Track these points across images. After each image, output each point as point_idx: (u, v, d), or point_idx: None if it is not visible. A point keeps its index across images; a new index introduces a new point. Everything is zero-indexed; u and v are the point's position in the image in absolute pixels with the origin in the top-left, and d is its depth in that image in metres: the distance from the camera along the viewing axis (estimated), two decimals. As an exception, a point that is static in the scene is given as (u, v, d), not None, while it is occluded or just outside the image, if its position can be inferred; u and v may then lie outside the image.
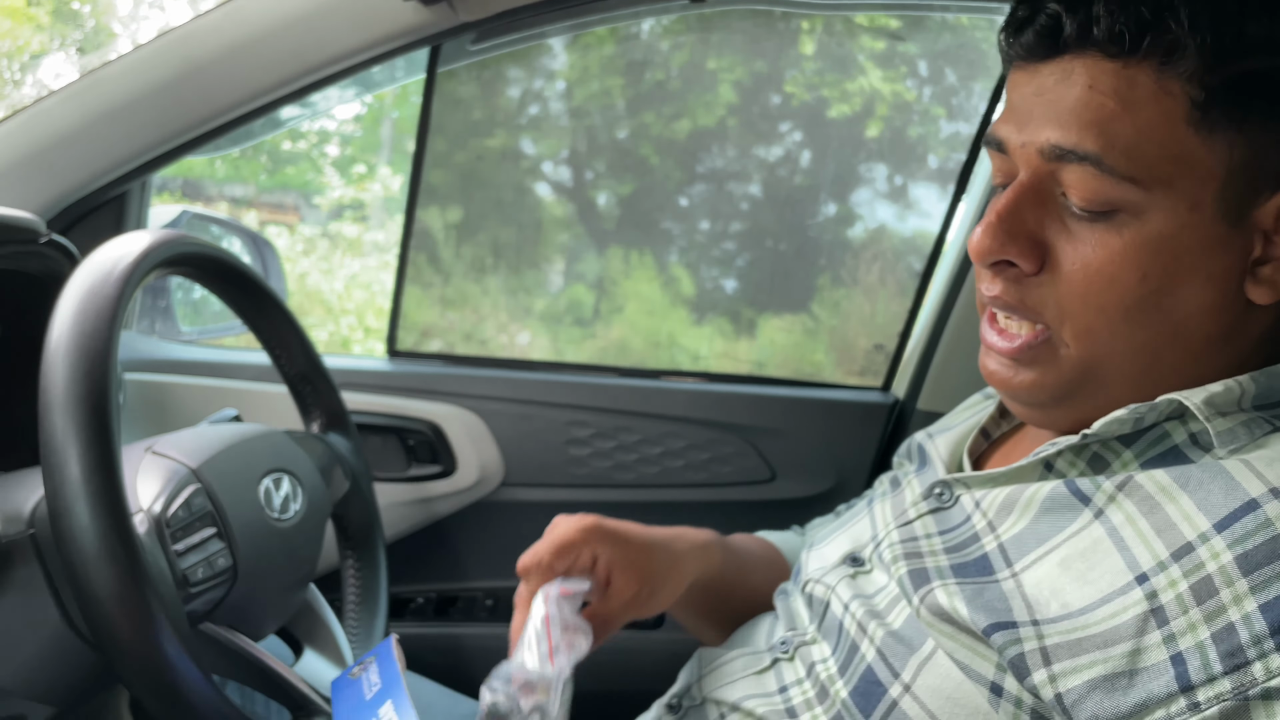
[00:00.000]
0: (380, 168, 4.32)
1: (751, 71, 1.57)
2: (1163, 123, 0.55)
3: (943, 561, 0.64)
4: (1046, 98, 0.58)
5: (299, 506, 0.84)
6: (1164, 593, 0.51)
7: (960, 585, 0.61)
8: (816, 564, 0.78)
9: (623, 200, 1.70)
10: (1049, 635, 0.54)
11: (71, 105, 1.07)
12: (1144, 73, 0.55)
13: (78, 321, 0.64)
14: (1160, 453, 0.60)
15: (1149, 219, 0.56)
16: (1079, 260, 0.58)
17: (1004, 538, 0.62)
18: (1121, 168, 0.56)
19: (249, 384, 1.31)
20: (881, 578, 0.70)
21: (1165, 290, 0.57)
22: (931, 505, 0.70)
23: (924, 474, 0.78)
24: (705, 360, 1.74)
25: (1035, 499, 0.61)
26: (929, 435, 0.83)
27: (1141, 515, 0.55)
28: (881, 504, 0.79)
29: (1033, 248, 0.60)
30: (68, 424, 0.61)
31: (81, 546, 0.59)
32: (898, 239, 1.68)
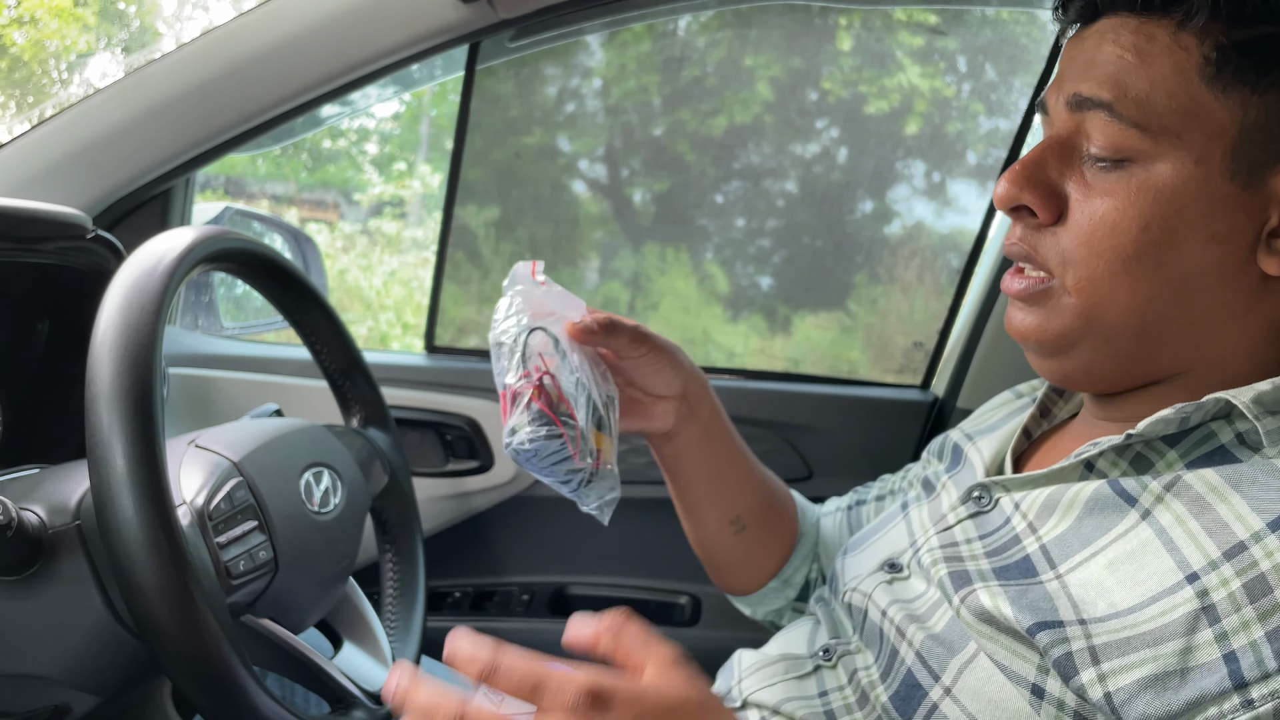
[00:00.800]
0: (419, 165, 4.35)
1: (788, 68, 1.55)
2: (1175, 75, 0.58)
3: (984, 565, 0.64)
4: (1081, 58, 0.62)
5: (339, 500, 0.85)
6: (1215, 591, 0.51)
7: (1004, 586, 0.60)
8: (854, 572, 0.77)
9: (658, 197, 1.70)
10: (1096, 634, 0.54)
11: (116, 103, 1.08)
12: (1162, 29, 0.58)
13: (123, 316, 0.65)
14: (1206, 452, 0.59)
15: (1156, 168, 0.58)
16: (1088, 208, 0.61)
17: (1046, 539, 0.61)
18: (1132, 115, 0.58)
19: (290, 379, 1.32)
20: (920, 584, 0.69)
21: (1166, 242, 0.58)
22: (971, 510, 0.69)
23: (959, 476, 0.77)
24: (740, 357, 1.73)
25: (1077, 500, 0.61)
26: (967, 437, 0.81)
27: (1191, 516, 0.54)
28: (918, 509, 0.78)
29: (1051, 197, 0.62)
30: (113, 417, 0.61)
31: (126, 538, 0.60)
32: (936, 236, 1.66)
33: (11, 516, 0.63)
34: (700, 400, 0.86)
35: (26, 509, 0.66)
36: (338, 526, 0.84)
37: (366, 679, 0.82)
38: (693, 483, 0.90)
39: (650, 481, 1.39)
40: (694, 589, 1.44)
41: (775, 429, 1.40)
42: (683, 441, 0.87)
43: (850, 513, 0.97)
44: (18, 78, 3.68)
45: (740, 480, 0.91)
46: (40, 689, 0.67)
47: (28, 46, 3.60)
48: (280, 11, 1.08)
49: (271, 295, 0.91)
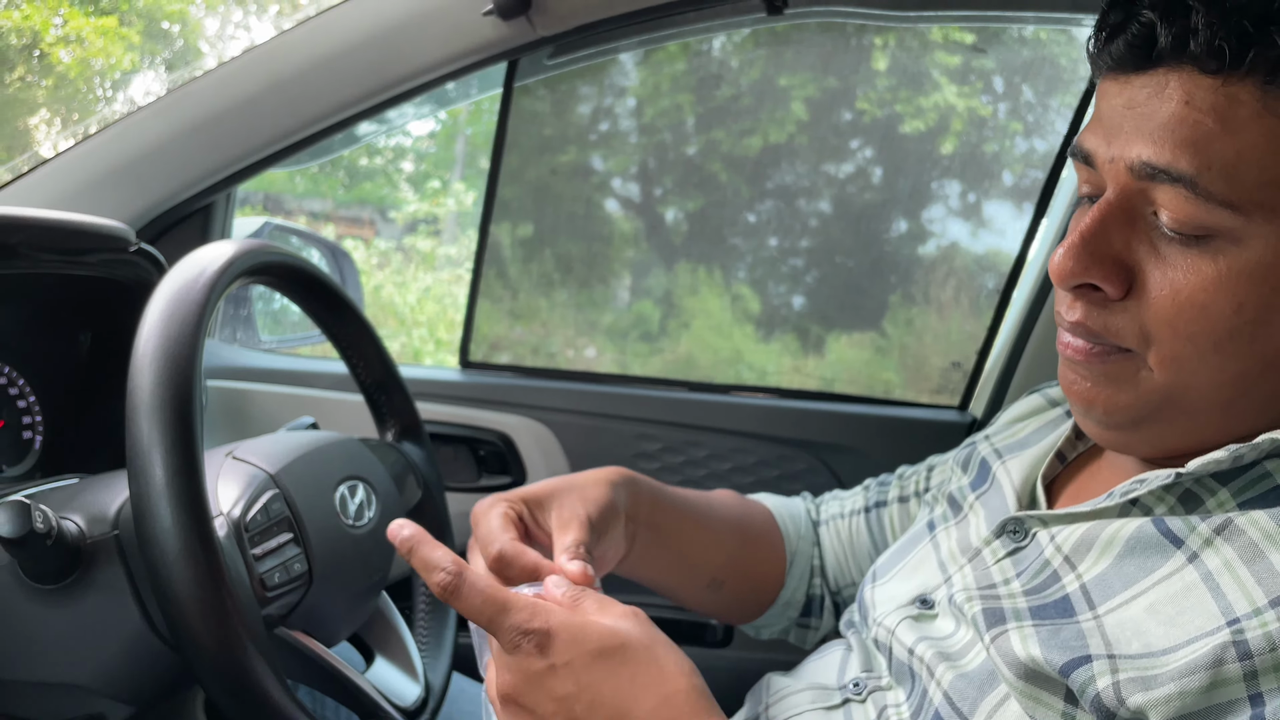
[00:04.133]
0: (454, 183, 4.39)
1: (823, 88, 1.55)
2: (1266, 144, 0.51)
3: (1020, 603, 0.61)
4: (1138, 111, 0.54)
5: (373, 514, 0.85)
6: (1250, 630, 0.48)
7: (1036, 627, 0.57)
8: (882, 606, 0.74)
9: (691, 216, 1.70)
10: (1125, 670, 0.51)
11: (160, 119, 1.10)
12: (1246, 90, 0.51)
13: (164, 328, 0.65)
14: (1261, 492, 0.55)
15: (1248, 246, 0.52)
16: (1168, 286, 0.54)
17: (1086, 578, 0.58)
18: (1219, 191, 0.52)
19: (326, 392, 1.33)
20: (950, 624, 0.67)
21: (1261, 321, 0.53)
22: (1008, 547, 0.66)
23: (989, 499, 0.74)
24: (773, 377, 1.72)
25: (1118, 537, 0.58)
26: (996, 453, 0.78)
27: (1242, 563, 0.51)
28: (946, 534, 0.75)
29: (1118, 271, 0.56)
30: (153, 428, 0.61)
31: (163, 549, 0.60)
32: (972, 257, 1.64)
33: (51, 525, 0.63)
34: (635, 509, 0.81)
35: (66, 518, 0.67)
36: (372, 540, 0.83)
37: (398, 694, 0.82)
38: (657, 573, 0.86)
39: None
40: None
41: (808, 448, 1.39)
42: (637, 554, 0.82)
43: (869, 516, 0.94)
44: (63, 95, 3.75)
45: (705, 548, 0.87)
46: (76, 697, 0.67)
47: (73, 65, 3.68)
48: (320, 29, 1.09)
49: (309, 308, 0.92)
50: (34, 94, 3.82)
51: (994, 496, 0.73)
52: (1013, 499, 0.71)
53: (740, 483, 1.38)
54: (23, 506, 0.62)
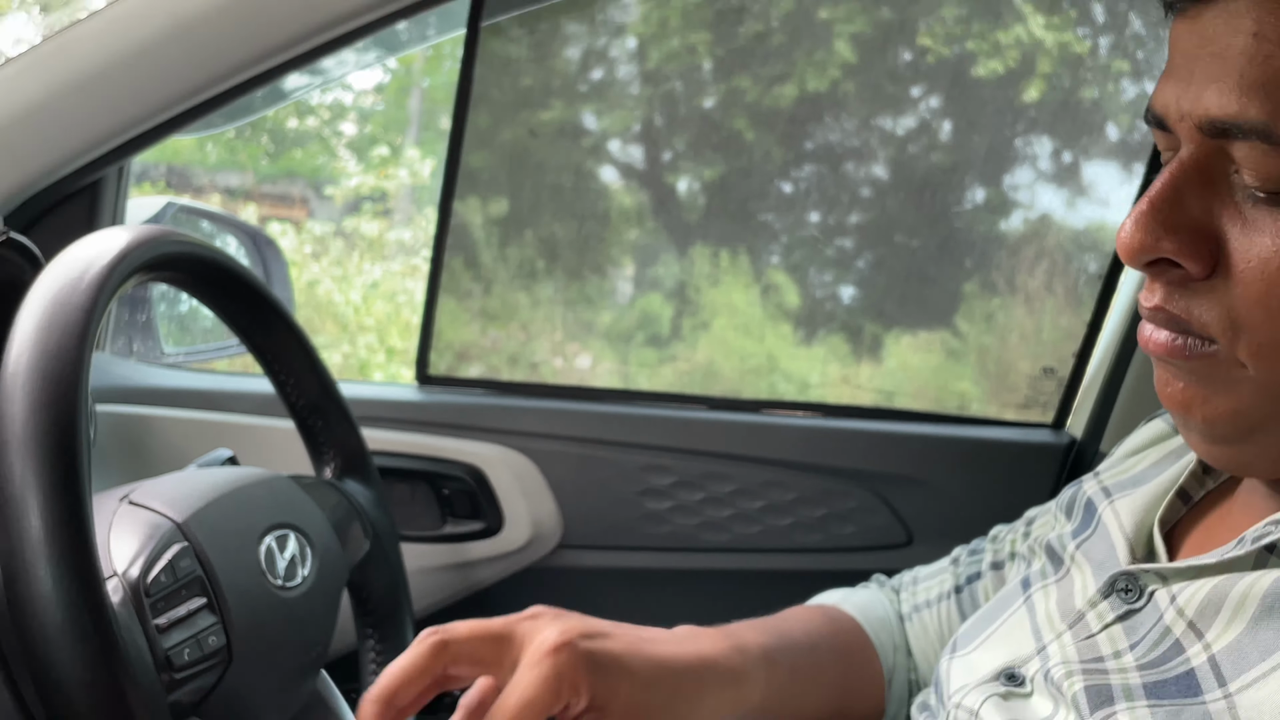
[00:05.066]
0: (407, 149, 4.40)
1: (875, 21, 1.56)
2: None
3: (1133, 680, 0.61)
4: (1209, 49, 0.56)
5: (308, 572, 0.85)
6: None
7: (1152, 709, 0.57)
8: (961, 679, 0.74)
9: (709, 186, 1.70)
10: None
11: (32, 75, 1.10)
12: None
13: (40, 339, 0.65)
14: None
15: None
16: (1255, 255, 0.56)
17: (1216, 649, 0.58)
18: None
19: (247, 418, 1.34)
20: (1045, 704, 0.66)
21: None
22: (1118, 610, 0.67)
23: (1092, 549, 0.74)
24: (817, 390, 1.72)
25: (1252, 594, 0.58)
26: (1104, 491, 0.79)
27: None
28: (1044, 596, 0.75)
29: (1199, 242, 0.57)
30: (26, 466, 0.61)
31: (42, 620, 0.60)
32: (1069, 233, 1.65)
33: (-101, 591, 0.63)
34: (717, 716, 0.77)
35: (-82, 582, 0.67)
36: (306, 605, 0.84)
37: (342, 802, 0.82)
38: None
39: (709, 549, 1.39)
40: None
41: (863, 481, 1.39)
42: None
43: (961, 597, 0.94)
44: (-86, 46, 3.78)
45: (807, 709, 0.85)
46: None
47: (-72, 7, 3.71)
48: (236, -42, 1.10)
49: (225, 312, 0.92)
50: (-125, 44, 3.85)
51: (1099, 545, 0.73)
52: (1124, 548, 0.71)
53: (775, 525, 1.39)
54: None
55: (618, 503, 1.37)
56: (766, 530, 1.39)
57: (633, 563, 1.39)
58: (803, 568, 1.40)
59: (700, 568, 1.38)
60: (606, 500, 1.37)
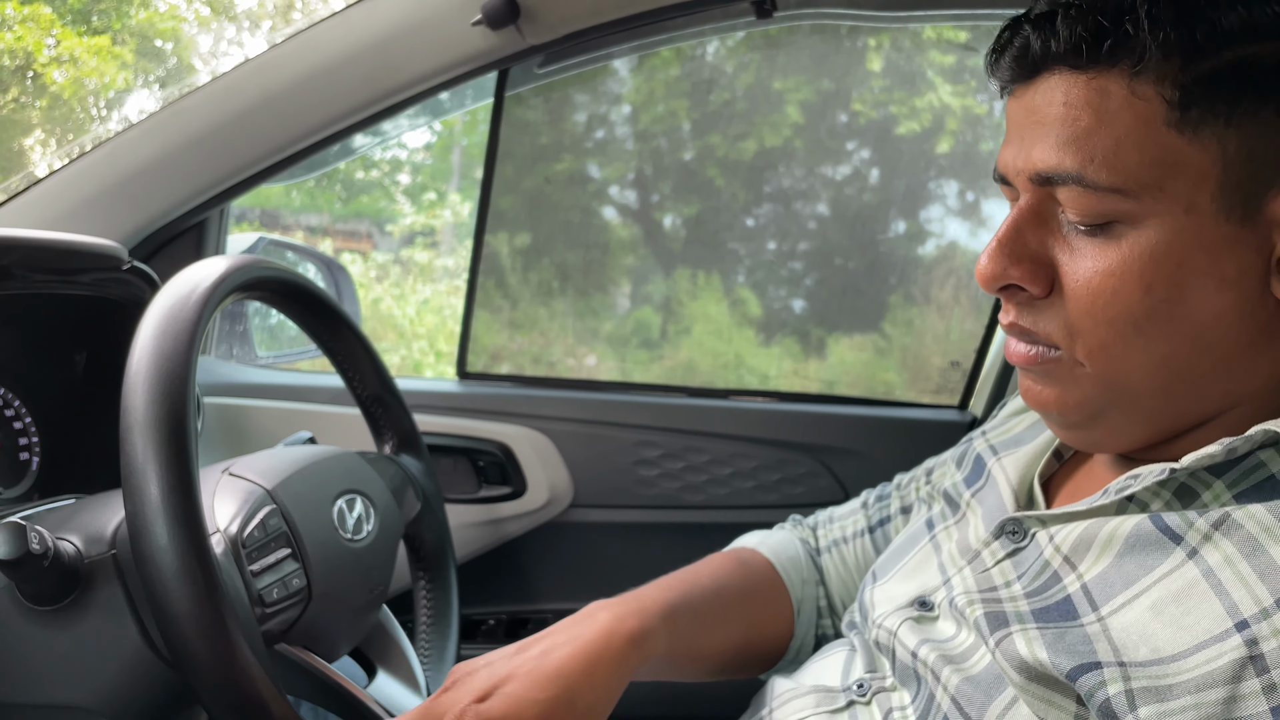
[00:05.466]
0: (450, 194, 4.40)
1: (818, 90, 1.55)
2: (1140, 129, 0.54)
3: (1023, 606, 0.61)
4: (1033, 119, 0.58)
5: (371, 527, 0.85)
6: (1265, 641, 0.48)
7: (1041, 630, 0.57)
8: (882, 606, 0.74)
9: (689, 222, 1.70)
10: (1136, 678, 0.51)
11: (152, 136, 1.10)
12: (1114, 81, 0.54)
13: (157, 345, 0.65)
14: (1256, 484, 0.55)
15: (1146, 226, 0.55)
16: (1081, 275, 0.57)
17: (1087, 578, 0.58)
18: (1105, 180, 0.55)
19: (323, 407, 1.33)
20: (950, 626, 0.67)
21: (1175, 299, 0.55)
22: (1007, 549, 0.66)
23: (985, 498, 0.73)
24: (774, 381, 1.72)
25: (1117, 535, 0.58)
26: (992, 449, 0.78)
27: (1243, 557, 0.51)
28: (946, 535, 0.74)
29: (1038, 269, 0.59)
30: (147, 446, 0.61)
31: (160, 567, 0.60)
32: (970, 255, 1.64)
33: (48, 546, 0.63)
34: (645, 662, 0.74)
35: (63, 539, 0.67)
36: (371, 554, 0.84)
37: (400, 707, 0.82)
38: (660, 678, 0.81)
39: (689, 506, 1.38)
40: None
41: (810, 452, 1.39)
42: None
43: (874, 536, 0.93)
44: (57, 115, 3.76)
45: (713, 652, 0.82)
46: (77, 719, 0.67)
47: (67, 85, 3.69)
48: (310, 43, 1.09)
49: (304, 323, 0.92)
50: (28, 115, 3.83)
51: (990, 495, 0.73)
52: (1010, 498, 0.70)
53: (741, 487, 1.38)
54: (19, 528, 0.62)
55: (616, 471, 1.37)
56: (734, 492, 1.38)
57: (629, 518, 1.38)
58: (762, 520, 1.38)
59: (682, 521, 1.38)
60: (608, 469, 1.37)
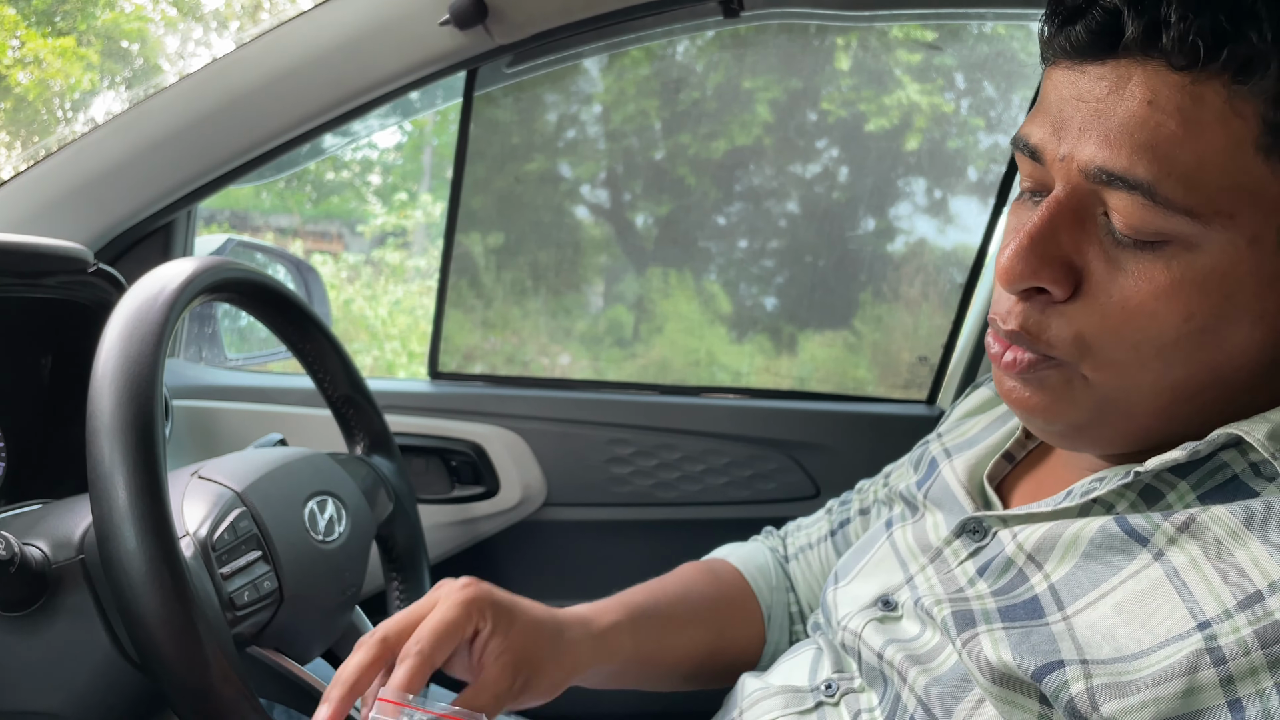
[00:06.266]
0: (422, 195, 4.38)
1: (787, 89, 1.56)
2: (1229, 148, 0.48)
3: (990, 604, 0.60)
4: (1092, 106, 0.51)
5: (343, 529, 0.84)
6: (1224, 636, 0.47)
7: (1007, 630, 0.56)
8: (845, 607, 0.73)
9: (660, 220, 1.70)
10: (1098, 675, 0.50)
11: (117, 137, 1.09)
12: (1213, 90, 0.48)
13: (123, 347, 0.65)
14: (1219, 484, 0.55)
15: (1203, 252, 0.50)
16: (1118, 292, 0.52)
17: (1054, 578, 0.57)
18: (1178, 198, 0.49)
19: (294, 408, 1.33)
20: (914, 626, 0.66)
21: (1210, 329, 0.51)
22: (969, 548, 0.65)
23: (939, 498, 0.72)
24: (746, 377, 1.73)
25: (1082, 537, 0.57)
26: (946, 452, 0.76)
27: (1207, 560, 0.50)
28: (903, 533, 0.74)
29: (1068, 274, 0.53)
30: (114, 449, 0.61)
31: (129, 571, 0.59)
32: (939, 252, 1.66)
33: (15, 552, 0.63)
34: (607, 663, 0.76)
35: (30, 544, 0.66)
36: (343, 555, 0.83)
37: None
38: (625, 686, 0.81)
39: (662, 503, 1.39)
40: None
41: (781, 447, 1.39)
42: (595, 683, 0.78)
43: (835, 539, 0.92)
44: (22, 117, 3.71)
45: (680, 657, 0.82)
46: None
47: (32, 86, 3.64)
48: (277, 43, 1.09)
49: (273, 324, 0.91)
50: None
51: (944, 495, 0.72)
52: (964, 497, 0.69)
53: (713, 484, 1.39)
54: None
55: (590, 469, 1.37)
56: (706, 488, 1.39)
57: (602, 516, 1.38)
58: (734, 516, 1.41)
59: (655, 519, 1.38)
60: (581, 467, 1.37)
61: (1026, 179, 0.58)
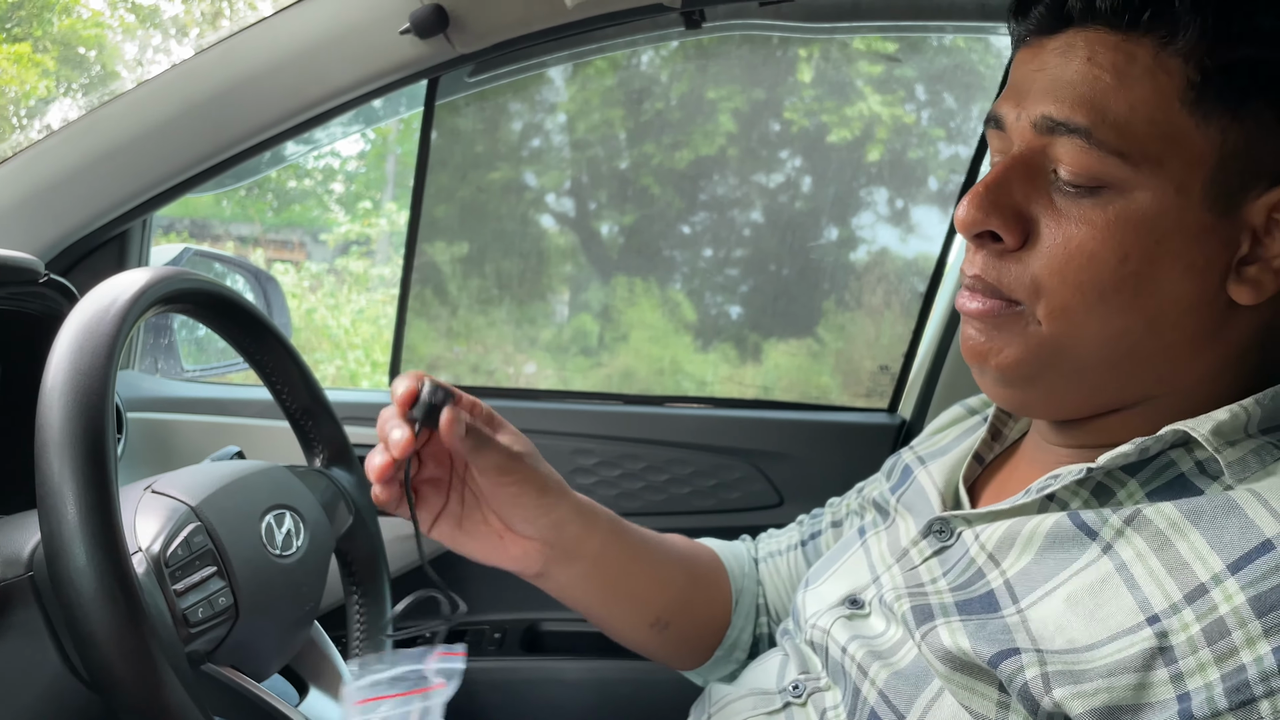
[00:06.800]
0: (386, 203, 4.36)
1: (750, 99, 1.57)
2: (1156, 99, 0.55)
3: (948, 599, 0.62)
4: (1047, 73, 0.58)
5: (301, 543, 0.83)
6: (1175, 634, 0.50)
7: (964, 621, 0.59)
8: (814, 607, 0.75)
9: (625, 229, 1.71)
10: (1052, 663, 0.53)
11: (71, 146, 1.07)
12: (1143, 48, 0.55)
13: (74, 360, 0.64)
14: (1166, 482, 0.58)
15: (1135, 197, 0.56)
16: (1061, 235, 0.58)
17: (1009, 573, 0.60)
18: (1111, 141, 0.55)
19: (252, 420, 1.31)
20: (881, 623, 0.68)
21: (1145, 274, 0.56)
22: (934, 546, 0.68)
23: (911, 501, 0.75)
24: (711, 386, 1.74)
25: (1038, 532, 0.59)
26: (919, 459, 0.79)
27: (1152, 552, 0.53)
28: (876, 538, 0.76)
29: (1017, 221, 0.59)
30: (64, 464, 0.60)
31: (79, 588, 0.58)
32: (900, 261, 1.68)
33: (-40, 569, 0.61)
34: (583, 541, 0.78)
35: (-24, 561, 0.65)
36: (300, 569, 0.82)
37: (333, 725, 0.81)
38: (591, 606, 0.83)
39: (626, 513, 1.36)
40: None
41: (745, 456, 1.40)
42: (563, 581, 0.80)
43: (806, 548, 0.94)
44: (-25, 124, 3.65)
45: (652, 585, 0.85)
46: (-7, 747, 0.65)
47: (-15, 93, 3.58)
48: (235, 50, 1.08)
49: (229, 335, 0.90)
50: (-57, 123, 3.72)
51: (917, 499, 0.74)
52: (937, 499, 0.72)
53: (677, 493, 1.39)
54: (-72, 551, 0.60)
55: (553, 480, 1.37)
56: (670, 498, 1.39)
57: (566, 527, 1.38)
58: (699, 526, 1.40)
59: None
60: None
61: (996, 154, 0.64)
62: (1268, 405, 0.57)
